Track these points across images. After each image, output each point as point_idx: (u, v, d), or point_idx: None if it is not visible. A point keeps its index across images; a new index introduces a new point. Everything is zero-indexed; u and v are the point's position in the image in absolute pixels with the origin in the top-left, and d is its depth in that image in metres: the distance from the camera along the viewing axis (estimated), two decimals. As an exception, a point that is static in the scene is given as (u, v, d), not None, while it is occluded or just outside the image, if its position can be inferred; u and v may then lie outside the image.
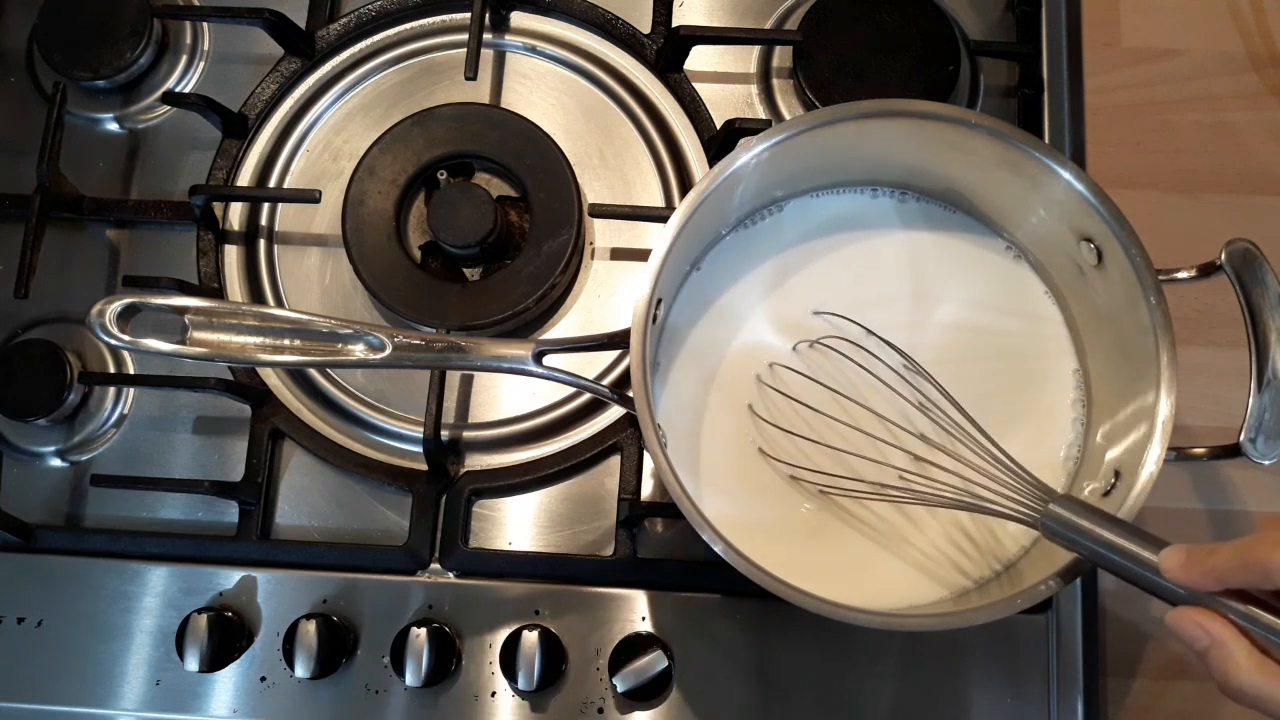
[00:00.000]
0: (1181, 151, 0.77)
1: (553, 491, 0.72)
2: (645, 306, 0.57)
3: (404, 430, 0.73)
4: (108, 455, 0.74)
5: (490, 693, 0.67)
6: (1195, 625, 0.47)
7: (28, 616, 0.70)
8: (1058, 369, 0.65)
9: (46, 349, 0.73)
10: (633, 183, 0.77)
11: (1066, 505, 0.53)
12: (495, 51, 0.80)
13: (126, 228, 0.78)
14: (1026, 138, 0.60)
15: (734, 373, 0.65)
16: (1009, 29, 0.80)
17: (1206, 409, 0.68)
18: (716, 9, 0.81)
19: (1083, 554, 0.52)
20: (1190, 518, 0.70)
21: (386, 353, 0.58)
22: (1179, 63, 0.79)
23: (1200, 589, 0.47)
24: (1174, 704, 0.68)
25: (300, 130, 0.79)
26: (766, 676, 0.67)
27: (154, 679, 0.68)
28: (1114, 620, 0.69)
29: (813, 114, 0.61)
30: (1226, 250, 0.58)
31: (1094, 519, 0.52)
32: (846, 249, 0.67)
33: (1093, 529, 0.51)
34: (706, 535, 0.54)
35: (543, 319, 0.75)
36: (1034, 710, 0.67)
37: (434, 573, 0.70)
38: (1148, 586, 0.50)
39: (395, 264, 0.72)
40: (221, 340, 0.57)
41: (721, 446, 0.64)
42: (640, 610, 0.68)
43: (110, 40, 0.78)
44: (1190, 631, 0.47)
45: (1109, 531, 0.51)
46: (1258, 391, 0.57)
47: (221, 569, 0.70)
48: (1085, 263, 0.62)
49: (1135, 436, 0.58)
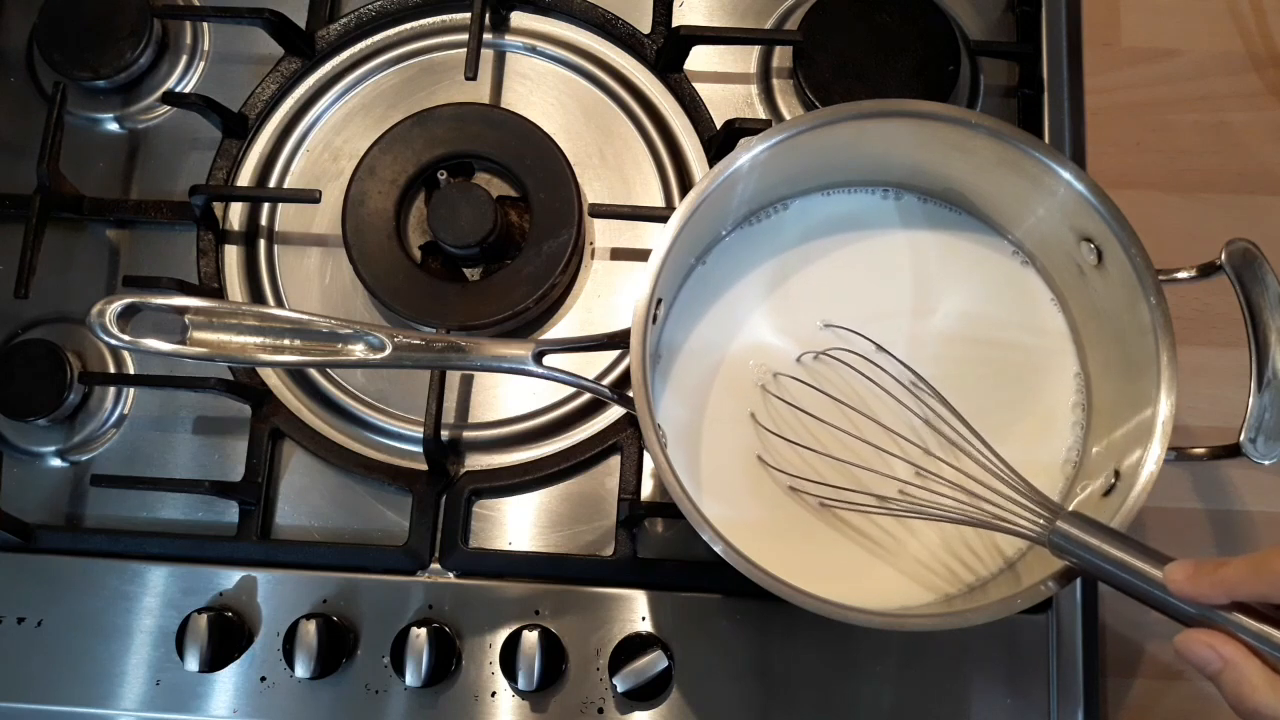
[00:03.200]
0: (1181, 151, 0.77)
1: (553, 491, 0.72)
2: (645, 306, 0.57)
3: (404, 430, 0.73)
4: (108, 455, 0.74)
5: (490, 693, 0.67)
6: (1206, 648, 0.46)
7: (28, 616, 0.70)
8: (1058, 369, 0.65)
9: (46, 349, 0.73)
10: (633, 183, 0.77)
11: (1073, 522, 0.52)
12: (495, 51, 0.80)
13: (126, 228, 0.78)
14: (1026, 138, 0.60)
15: (734, 373, 0.65)
16: (1009, 29, 0.80)
17: (1206, 409, 0.68)
18: (716, 9, 0.81)
19: (1088, 570, 0.52)
20: (1190, 518, 0.70)
21: (386, 353, 0.58)
22: (1179, 63, 0.79)
23: (1207, 602, 0.47)
24: (1174, 704, 0.68)
25: (300, 130, 0.79)
26: (766, 676, 0.67)
27: (154, 679, 0.68)
28: (1114, 620, 0.69)
29: (813, 114, 0.61)
30: (1226, 250, 0.58)
31: (1101, 536, 0.51)
32: (847, 249, 0.67)
33: (1100, 546, 0.51)
34: (706, 535, 0.54)
35: (543, 319, 0.75)
36: (1034, 710, 0.67)
37: (434, 573, 0.70)
38: (1154, 603, 0.49)
39: (395, 264, 0.72)
40: (221, 340, 0.57)
41: (722, 446, 0.64)
42: (640, 610, 0.68)
43: (110, 40, 0.78)
44: (1201, 654, 0.46)
45: (1115, 548, 0.50)
46: (1258, 391, 0.57)
47: (221, 569, 0.70)
48: (1085, 263, 0.62)
49: (1135, 437, 0.58)
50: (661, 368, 0.65)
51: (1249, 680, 0.45)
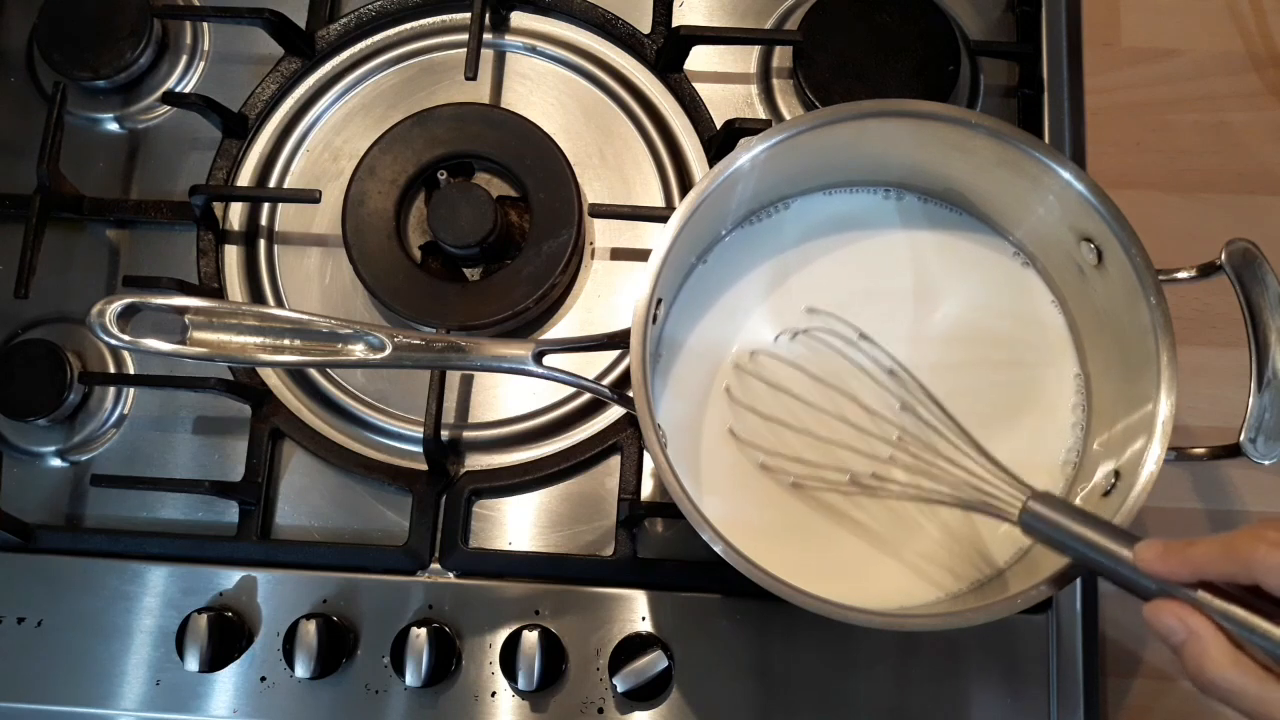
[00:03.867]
0: (1181, 151, 0.77)
1: (553, 491, 0.72)
2: (645, 306, 0.57)
3: (404, 430, 0.73)
4: (108, 455, 0.74)
5: (490, 693, 0.67)
6: (1174, 617, 0.47)
7: (28, 616, 0.70)
8: (1058, 369, 0.65)
9: (46, 349, 0.73)
10: (633, 183, 0.77)
11: (1043, 501, 0.54)
12: (495, 51, 0.80)
13: (126, 228, 0.78)
14: (1026, 138, 0.60)
15: (735, 373, 0.65)
16: (1009, 29, 0.80)
17: (1206, 409, 0.68)
18: (716, 9, 0.81)
19: (1059, 549, 0.53)
20: (1190, 518, 0.70)
21: (386, 353, 0.58)
22: (1179, 63, 0.79)
23: (1175, 579, 0.48)
24: (1174, 704, 0.68)
25: (300, 130, 0.79)
26: (766, 676, 0.67)
27: (154, 679, 0.68)
28: (1114, 620, 0.69)
29: (813, 114, 0.61)
30: (1226, 250, 0.58)
31: (1070, 515, 0.52)
32: (848, 248, 0.67)
33: (1068, 524, 0.52)
34: (706, 535, 0.54)
35: (543, 319, 0.75)
36: (1034, 710, 0.67)
37: (434, 573, 0.70)
38: (1124, 581, 0.50)
39: (395, 264, 0.72)
40: (221, 340, 0.57)
41: (722, 447, 0.64)
42: (640, 610, 0.68)
43: (110, 40, 0.78)
44: (1168, 623, 0.47)
45: (1084, 527, 0.52)
46: (1258, 391, 0.57)
47: (221, 569, 0.70)
48: (1085, 263, 0.62)
49: (1135, 436, 0.58)
50: (661, 368, 0.65)
51: (1210, 653, 0.46)
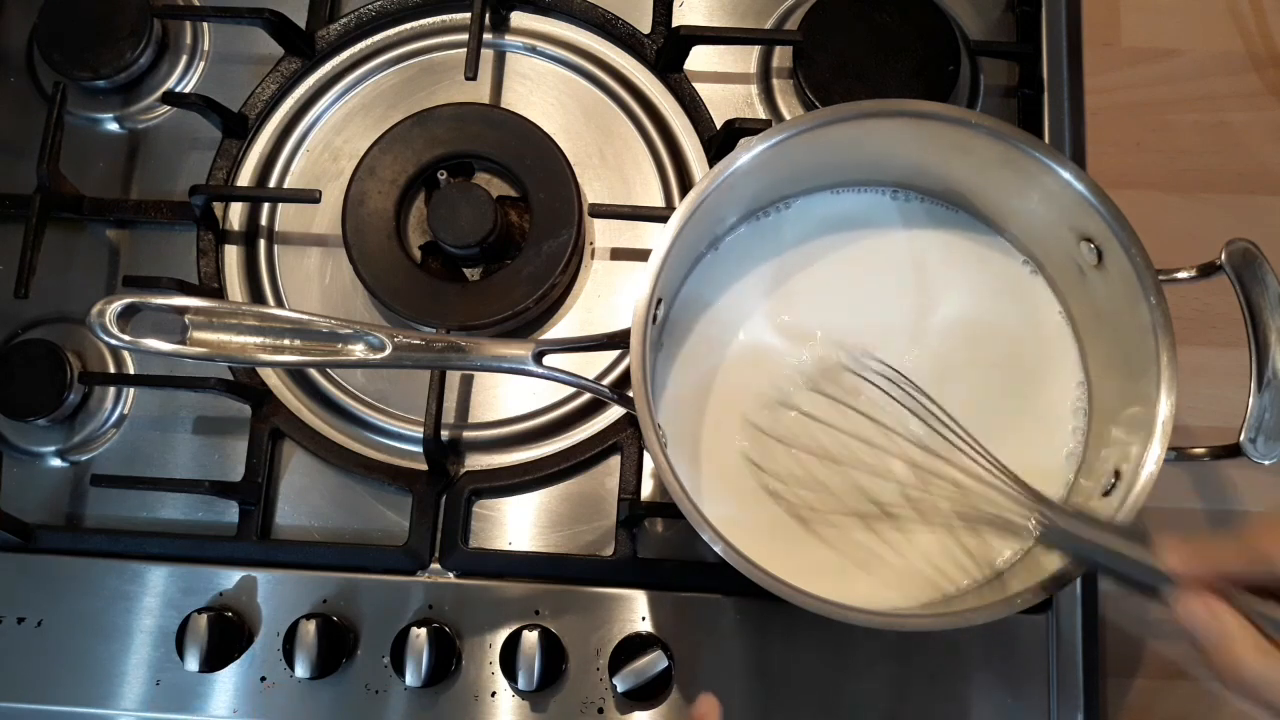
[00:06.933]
0: (1181, 151, 0.77)
1: (553, 491, 0.72)
2: (645, 306, 0.57)
3: (404, 430, 0.73)
4: (108, 455, 0.74)
5: (490, 693, 0.67)
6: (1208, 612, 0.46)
7: (28, 616, 0.70)
8: (1059, 369, 0.65)
9: (46, 349, 0.73)
10: (633, 183, 0.77)
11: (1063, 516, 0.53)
12: (495, 51, 0.80)
13: (126, 228, 0.78)
14: (1026, 138, 0.60)
15: (735, 374, 0.65)
16: (1009, 29, 0.80)
17: (1206, 409, 0.68)
18: (716, 9, 0.81)
19: (1082, 561, 0.53)
20: (1190, 518, 0.70)
21: (386, 353, 0.58)
22: (1179, 63, 0.79)
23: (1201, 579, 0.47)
24: (1174, 704, 0.68)
25: (300, 130, 0.79)
26: (766, 676, 0.67)
27: (154, 679, 0.68)
28: (1114, 620, 0.69)
29: (813, 114, 0.61)
30: (1226, 250, 0.58)
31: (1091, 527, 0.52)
32: (848, 248, 0.67)
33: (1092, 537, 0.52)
34: (706, 535, 0.54)
35: (543, 319, 0.75)
36: (1034, 710, 0.67)
37: (434, 573, 0.70)
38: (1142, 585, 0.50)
39: (395, 264, 0.72)
40: (221, 340, 0.57)
41: (722, 446, 0.64)
42: (640, 610, 0.68)
43: (110, 40, 0.78)
44: (1203, 618, 0.47)
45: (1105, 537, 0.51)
46: (1258, 391, 0.57)
47: (221, 569, 0.70)
48: (1085, 263, 0.62)
49: (1135, 436, 0.58)
50: (662, 367, 0.65)
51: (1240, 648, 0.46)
